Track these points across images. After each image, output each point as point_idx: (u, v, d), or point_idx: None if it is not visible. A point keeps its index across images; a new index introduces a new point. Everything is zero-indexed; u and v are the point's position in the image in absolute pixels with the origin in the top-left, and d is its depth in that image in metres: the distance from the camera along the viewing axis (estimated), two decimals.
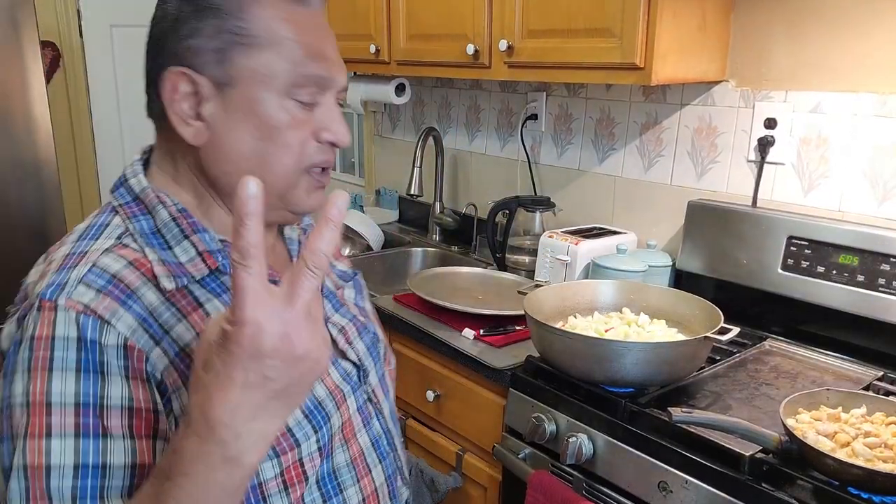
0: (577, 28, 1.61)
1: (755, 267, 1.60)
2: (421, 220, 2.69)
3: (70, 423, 0.63)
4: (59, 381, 0.64)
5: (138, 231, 0.74)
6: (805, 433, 1.05)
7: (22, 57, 2.31)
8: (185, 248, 0.74)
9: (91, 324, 0.65)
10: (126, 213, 0.75)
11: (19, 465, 0.62)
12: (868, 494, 0.99)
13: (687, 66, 1.60)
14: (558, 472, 1.35)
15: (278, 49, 0.72)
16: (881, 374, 1.38)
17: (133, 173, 0.78)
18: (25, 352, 0.65)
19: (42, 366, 0.64)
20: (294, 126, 0.74)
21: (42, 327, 0.65)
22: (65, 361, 0.64)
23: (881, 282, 1.41)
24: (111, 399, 0.65)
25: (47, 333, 0.65)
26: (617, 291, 1.55)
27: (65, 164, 2.92)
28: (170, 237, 0.74)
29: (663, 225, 1.89)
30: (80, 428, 0.63)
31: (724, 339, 1.27)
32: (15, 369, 0.65)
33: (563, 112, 2.13)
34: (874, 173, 1.49)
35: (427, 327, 1.70)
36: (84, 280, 0.68)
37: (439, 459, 1.71)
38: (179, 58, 0.72)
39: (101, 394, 0.65)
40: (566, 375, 1.35)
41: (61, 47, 3.01)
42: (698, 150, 1.79)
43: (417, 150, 2.38)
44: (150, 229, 0.75)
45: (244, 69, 0.72)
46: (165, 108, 0.73)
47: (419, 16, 2.05)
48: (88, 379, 0.64)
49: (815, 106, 1.57)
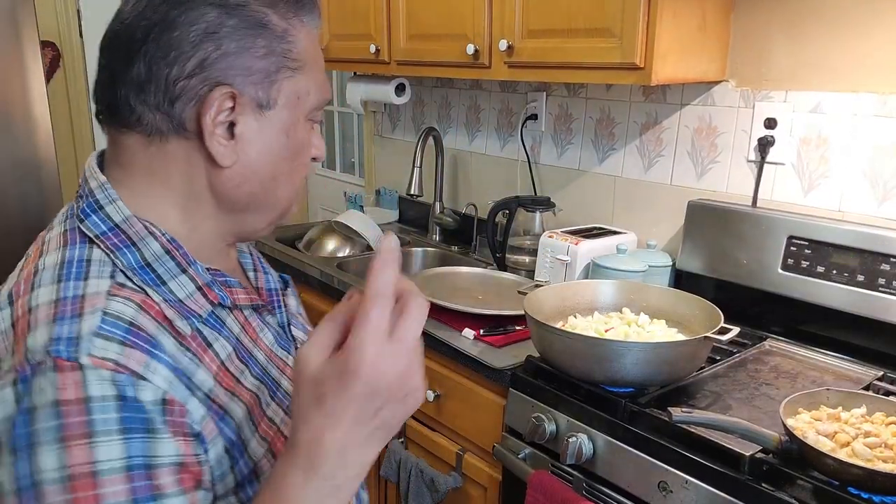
0: (577, 28, 1.61)
1: (755, 267, 1.60)
2: (421, 220, 2.69)
3: (123, 490, 0.58)
4: (105, 447, 0.57)
5: (128, 266, 0.67)
6: (805, 433, 1.05)
7: (22, 57, 2.31)
8: (183, 282, 0.69)
9: (127, 381, 0.59)
10: (106, 245, 0.67)
11: None
12: (868, 494, 0.99)
13: (687, 66, 1.60)
14: (558, 472, 1.35)
15: (310, 73, 0.73)
16: (881, 374, 1.38)
17: (108, 199, 0.69)
18: (50, 420, 0.56)
19: (81, 433, 0.57)
20: (308, 145, 0.76)
21: (68, 390, 0.57)
22: (107, 424, 0.58)
23: (881, 282, 1.41)
24: (161, 459, 0.60)
25: (79, 396, 0.57)
26: (617, 291, 1.55)
27: (65, 164, 2.92)
28: (162, 271, 0.68)
29: (663, 225, 1.89)
30: (134, 492, 0.58)
31: (724, 339, 1.27)
32: (34, 442, 0.56)
33: (563, 112, 2.13)
34: (874, 173, 1.49)
35: (427, 327, 1.68)
36: (101, 332, 0.60)
37: (439, 459, 1.71)
38: (221, 75, 0.67)
39: (150, 454, 0.59)
40: (566, 375, 1.35)
41: (61, 47, 3.01)
42: (698, 150, 1.79)
43: (417, 150, 2.38)
44: (138, 263, 0.68)
45: (285, 92, 0.71)
46: (203, 127, 0.67)
47: (419, 16, 2.05)
48: (136, 440, 0.59)
49: (815, 106, 1.57)
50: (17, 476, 0.56)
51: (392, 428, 0.59)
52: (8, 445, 0.57)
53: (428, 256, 2.45)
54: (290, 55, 0.70)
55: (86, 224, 0.69)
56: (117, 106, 0.69)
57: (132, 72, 0.68)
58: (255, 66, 0.68)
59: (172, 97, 0.67)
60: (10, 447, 0.57)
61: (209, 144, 0.68)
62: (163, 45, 0.67)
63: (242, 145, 0.70)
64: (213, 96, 0.67)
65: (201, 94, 0.67)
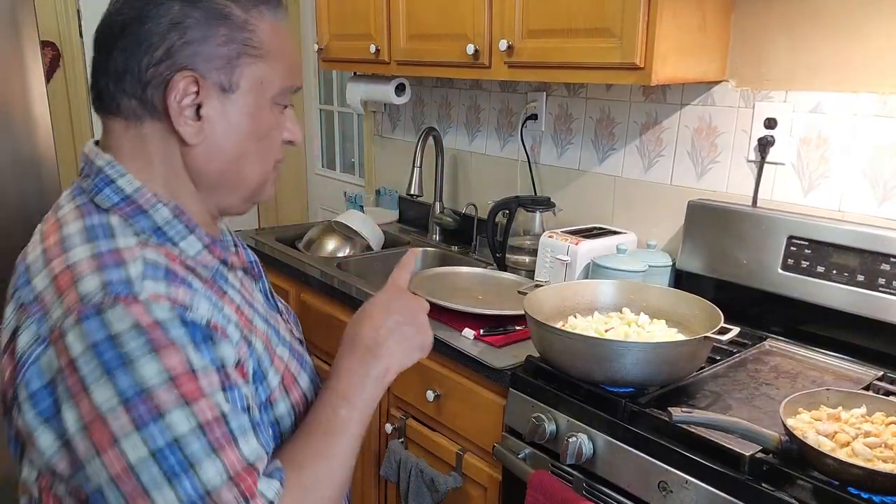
0: (577, 28, 1.61)
1: (755, 267, 1.60)
2: (421, 220, 2.69)
3: (211, 383, 0.70)
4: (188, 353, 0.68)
5: (143, 230, 0.76)
6: (805, 433, 1.05)
7: (22, 57, 2.31)
8: (191, 242, 0.79)
9: (180, 309, 0.70)
10: (121, 213, 0.76)
11: (192, 428, 0.67)
12: (868, 494, 0.99)
13: (687, 66, 1.60)
14: (558, 472, 1.35)
15: (274, 61, 0.80)
16: (881, 374, 1.38)
17: (118, 174, 0.78)
18: (138, 339, 0.66)
19: (166, 344, 0.67)
20: (276, 128, 0.83)
21: (141, 317, 0.67)
22: (181, 337, 0.68)
23: (881, 282, 1.41)
24: (227, 360, 0.72)
25: (151, 320, 0.67)
26: (617, 291, 1.55)
27: (65, 164, 2.91)
28: (173, 234, 0.78)
29: (663, 225, 1.89)
30: (221, 384, 0.71)
31: (724, 339, 1.27)
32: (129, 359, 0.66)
33: (563, 112, 2.13)
34: (874, 173, 1.49)
35: None
36: (146, 276, 0.70)
37: (439, 459, 1.71)
38: (186, 61, 0.75)
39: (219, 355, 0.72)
40: (566, 375, 1.35)
41: (61, 47, 3.01)
42: (698, 150, 1.79)
43: (417, 150, 2.38)
44: (153, 227, 0.77)
45: (247, 77, 0.78)
46: (169, 108, 0.75)
47: (419, 16, 2.05)
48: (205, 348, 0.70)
49: (815, 106, 1.57)
50: (119, 390, 0.65)
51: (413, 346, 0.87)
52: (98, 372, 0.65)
53: (428, 256, 2.45)
54: (250, 43, 0.78)
55: (99, 197, 0.77)
56: (102, 94, 0.78)
57: (112, 63, 0.76)
58: (217, 52, 0.76)
59: (144, 83, 0.75)
60: (101, 371, 0.65)
61: (177, 124, 0.76)
62: (135, 37, 0.74)
63: (209, 125, 0.77)
64: (177, 80, 0.74)
65: (167, 79, 0.75)
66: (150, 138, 0.78)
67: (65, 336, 0.67)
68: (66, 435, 0.67)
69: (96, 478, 0.67)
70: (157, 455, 0.65)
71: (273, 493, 0.71)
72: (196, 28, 0.75)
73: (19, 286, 0.74)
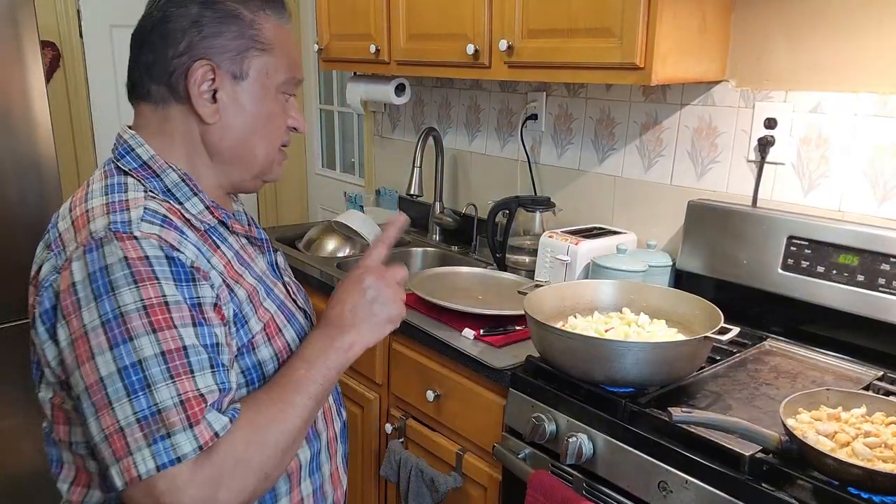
0: (577, 28, 1.61)
1: (755, 267, 1.60)
2: (421, 220, 2.69)
3: (183, 316, 0.80)
4: (166, 286, 0.80)
5: (153, 190, 0.90)
6: (805, 433, 1.05)
7: (22, 57, 2.31)
8: (195, 203, 0.92)
9: (168, 248, 0.82)
10: (138, 175, 0.91)
11: (155, 354, 0.77)
12: (868, 494, 0.99)
13: (687, 66, 1.60)
14: (558, 472, 1.35)
15: (278, 55, 0.94)
16: (881, 374, 1.38)
17: (137, 144, 0.92)
18: (123, 270, 0.78)
19: (147, 277, 0.79)
20: (281, 114, 0.97)
21: (131, 251, 0.79)
22: (164, 273, 0.80)
23: (881, 282, 1.41)
24: (204, 299, 0.83)
25: (139, 255, 0.79)
26: (617, 291, 1.55)
27: (65, 164, 2.91)
28: (180, 195, 0.92)
29: (663, 225, 1.89)
30: (192, 319, 0.81)
31: (724, 339, 1.27)
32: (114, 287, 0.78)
33: (563, 112, 2.13)
34: (874, 173, 1.49)
35: (427, 327, 1.70)
36: (144, 219, 0.83)
37: (439, 459, 1.71)
38: (203, 52, 0.90)
39: (196, 294, 0.82)
40: (566, 375, 1.35)
41: (61, 47, 3.01)
42: (698, 150, 1.79)
43: (417, 150, 2.38)
44: (162, 188, 0.91)
45: (255, 67, 0.93)
46: (190, 91, 0.90)
47: (419, 16, 2.05)
48: (184, 285, 0.81)
49: (815, 106, 1.57)
50: (102, 312, 0.77)
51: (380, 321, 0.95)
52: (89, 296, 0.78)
53: (428, 256, 2.45)
54: (257, 38, 0.92)
55: (121, 162, 0.92)
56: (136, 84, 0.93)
57: (143, 56, 0.91)
58: (229, 45, 0.91)
59: (170, 72, 0.90)
60: (91, 296, 0.78)
61: (196, 105, 0.91)
62: (162, 34, 0.90)
63: (223, 107, 0.92)
64: (195, 67, 0.89)
65: (188, 67, 0.89)
66: (174, 118, 0.93)
67: (71, 265, 0.80)
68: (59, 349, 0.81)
69: (77, 387, 0.79)
70: (123, 372, 0.76)
71: (220, 426, 0.79)
72: (211, 25, 0.90)
73: (49, 230, 0.89)
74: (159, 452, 0.75)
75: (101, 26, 3.05)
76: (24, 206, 2.38)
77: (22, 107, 2.34)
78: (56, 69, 3.01)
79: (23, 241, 2.38)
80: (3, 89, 2.28)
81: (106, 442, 0.77)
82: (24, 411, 2.51)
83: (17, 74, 2.31)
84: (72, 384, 0.80)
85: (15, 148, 2.34)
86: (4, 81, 2.29)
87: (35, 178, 2.39)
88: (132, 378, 0.76)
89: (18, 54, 2.30)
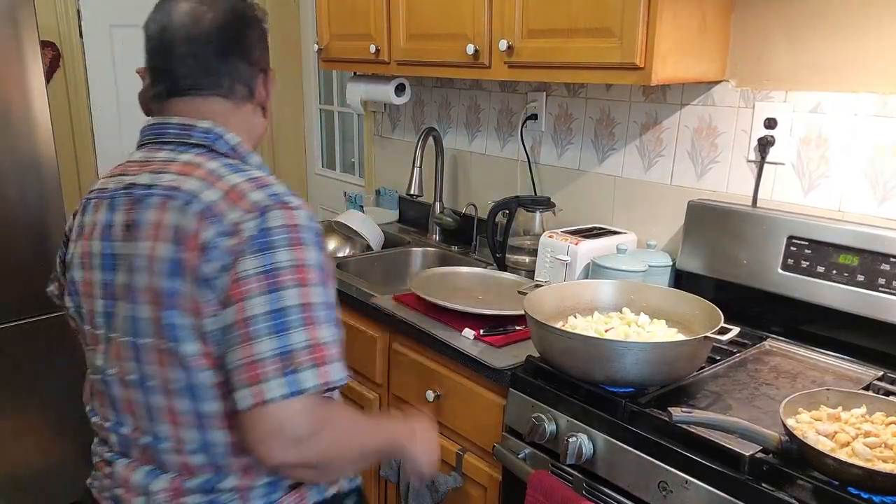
0: (577, 28, 1.61)
1: (755, 267, 1.60)
2: (421, 220, 2.69)
3: (319, 277, 0.95)
4: (309, 252, 0.95)
5: None
6: (805, 433, 1.05)
7: (22, 57, 2.30)
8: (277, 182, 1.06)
9: (311, 219, 0.99)
10: (233, 158, 1.05)
11: (296, 304, 0.92)
12: (868, 494, 0.99)
13: (687, 66, 1.60)
14: (558, 472, 1.35)
15: None
16: (881, 374, 1.38)
17: (223, 131, 1.06)
18: (281, 234, 0.94)
19: (298, 242, 0.95)
20: None
21: (290, 219, 0.95)
22: (309, 240, 0.96)
23: (881, 282, 1.41)
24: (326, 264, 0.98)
25: (295, 223, 0.96)
26: (617, 291, 1.55)
27: (65, 164, 2.91)
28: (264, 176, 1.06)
29: (663, 225, 1.89)
30: (323, 281, 0.96)
31: (724, 339, 1.27)
32: (273, 246, 0.93)
33: (563, 112, 2.13)
34: (874, 173, 1.49)
35: (427, 327, 1.70)
36: (290, 192, 1.00)
37: (439, 459, 1.71)
38: (265, 62, 1.13)
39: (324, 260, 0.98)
40: (566, 375, 1.35)
41: (61, 47, 3.01)
42: (698, 150, 1.79)
43: (417, 150, 2.38)
44: None
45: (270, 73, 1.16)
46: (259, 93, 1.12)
47: (419, 16, 2.05)
48: (319, 251, 0.98)
49: (815, 106, 1.57)
50: (263, 265, 0.92)
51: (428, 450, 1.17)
52: (254, 251, 0.92)
53: (428, 256, 2.45)
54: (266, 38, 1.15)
55: (216, 146, 1.05)
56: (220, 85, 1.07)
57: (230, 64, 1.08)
58: (265, 49, 1.14)
59: (248, 77, 1.10)
60: (256, 251, 0.92)
61: (266, 104, 1.15)
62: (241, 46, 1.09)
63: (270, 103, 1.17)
64: (270, 75, 1.15)
65: (259, 73, 1.12)
66: (246, 113, 1.11)
67: (243, 229, 0.94)
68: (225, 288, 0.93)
69: (229, 319, 0.92)
70: (270, 314, 0.90)
71: (339, 376, 0.93)
72: (264, 39, 1.13)
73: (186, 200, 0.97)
74: (290, 385, 0.89)
75: (101, 26, 3.05)
76: (23, 206, 2.38)
77: (22, 107, 2.33)
78: (56, 69, 3.01)
79: (23, 241, 2.38)
80: (3, 89, 2.28)
81: (244, 368, 0.90)
82: (23, 411, 2.51)
83: (17, 74, 2.30)
84: (226, 315, 0.92)
85: (15, 148, 2.34)
86: (4, 81, 2.28)
87: (35, 178, 2.39)
88: (277, 321, 0.90)
89: (18, 54, 2.29)
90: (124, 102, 3.18)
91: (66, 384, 2.46)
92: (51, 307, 1.19)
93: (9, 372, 2.44)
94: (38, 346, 2.46)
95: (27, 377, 2.49)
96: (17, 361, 2.46)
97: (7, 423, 2.48)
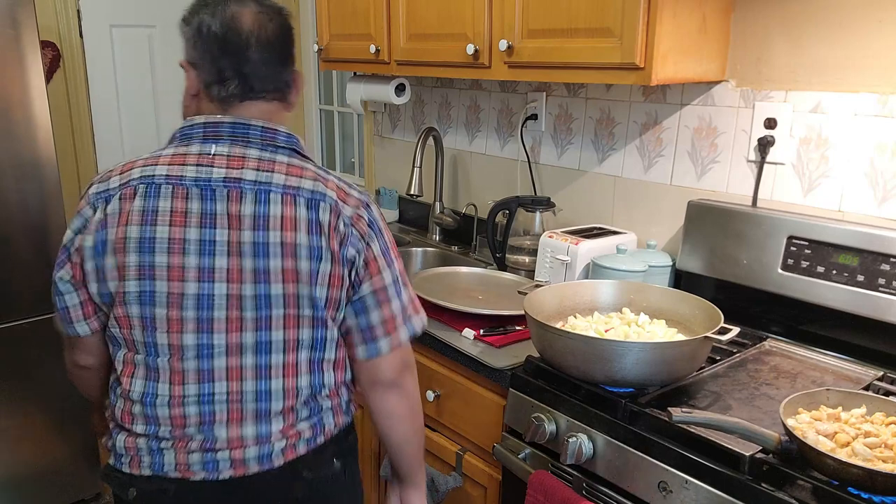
0: (577, 28, 1.61)
1: (755, 267, 1.60)
2: (421, 220, 2.69)
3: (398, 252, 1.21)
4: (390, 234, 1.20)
5: None
6: (805, 433, 1.05)
7: (22, 57, 2.30)
8: None
9: None
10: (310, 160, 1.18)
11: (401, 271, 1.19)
12: (868, 494, 0.99)
13: (687, 66, 1.60)
14: (558, 472, 1.35)
15: None
16: (881, 374, 1.38)
17: (290, 132, 1.18)
18: (380, 222, 1.17)
19: (386, 228, 1.19)
20: None
21: (377, 211, 1.18)
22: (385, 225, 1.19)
23: (881, 282, 1.41)
24: None
25: (379, 213, 1.19)
26: (617, 291, 1.55)
27: (65, 164, 2.91)
28: None
29: (663, 225, 1.89)
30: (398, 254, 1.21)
31: (724, 339, 1.27)
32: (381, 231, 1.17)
33: (563, 112, 2.13)
34: (874, 173, 1.49)
35: (427, 327, 1.70)
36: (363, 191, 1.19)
37: (439, 459, 1.71)
38: None
39: None
40: (566, 375, 1.35)
41: (61, 47, 3.01)
42: (698, 150, 1.79)
43: (417, 150, 2.38)
44: None
45: None
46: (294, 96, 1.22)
47: (419, 16, 2.05)
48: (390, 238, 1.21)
49: (815, 106, 1.57)
50: (381, 247, 1.16)
51: None
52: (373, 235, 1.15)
53: (428, 256, 2.45)
54: None
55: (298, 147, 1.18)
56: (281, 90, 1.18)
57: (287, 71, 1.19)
58: None
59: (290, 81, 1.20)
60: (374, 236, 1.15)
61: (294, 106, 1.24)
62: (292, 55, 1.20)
63: None
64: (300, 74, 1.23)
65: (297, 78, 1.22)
66: (286, 115, 1.21)
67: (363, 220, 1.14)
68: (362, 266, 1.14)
69: (367, 289, 1.15)
70: (393, 283, 1.17)
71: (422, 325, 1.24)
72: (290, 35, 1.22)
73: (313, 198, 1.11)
74: (410, 329, 1.20)
75: (101, 26, 3.05)
76: (24, 207, 2.38)
77: (22, 107, 2.34)
78: (56, 69, 3.01)
79: (22, 240, 2.38)
80: (3, 89, 2.28)
81: (383, 323, 1.16)
82: (24, 411, 2.51)
83: (17, 74, 2.31)
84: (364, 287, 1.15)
85: (15, 148, 2.34)
86: (4, 81, 2.28)
87: (35, 179, 2.39)
88: (397, 286, 1.17)
89: (18, 54, 2.30)
90: (124, 102, 3.19)
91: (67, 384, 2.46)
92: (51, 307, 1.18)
93: (9, 372, 2.44)
94: (38, 346, 2.46)
95: (27, 377, 2.49)
96: (18, 361, 2.46)
97: (7, 422, 2.48)
